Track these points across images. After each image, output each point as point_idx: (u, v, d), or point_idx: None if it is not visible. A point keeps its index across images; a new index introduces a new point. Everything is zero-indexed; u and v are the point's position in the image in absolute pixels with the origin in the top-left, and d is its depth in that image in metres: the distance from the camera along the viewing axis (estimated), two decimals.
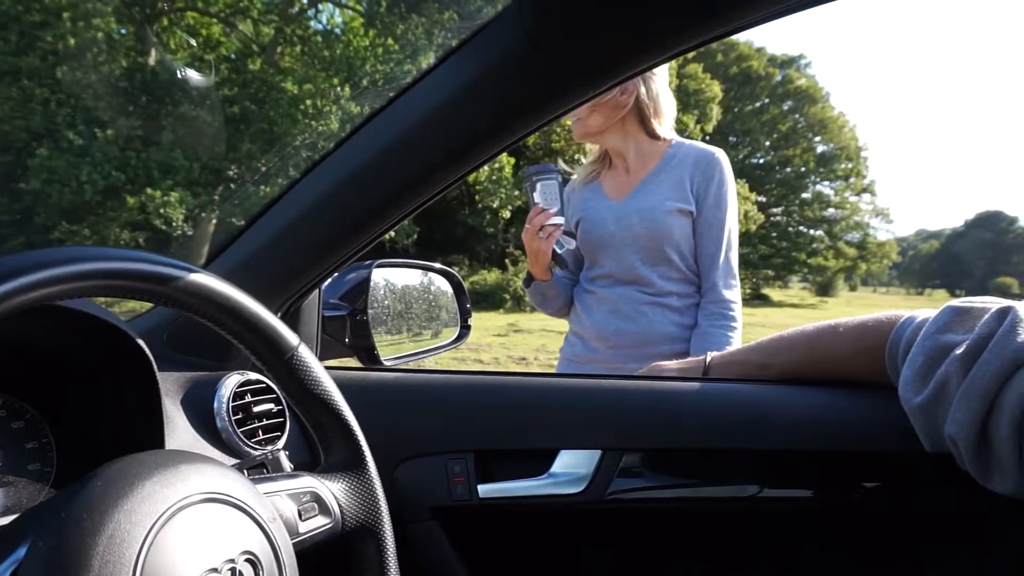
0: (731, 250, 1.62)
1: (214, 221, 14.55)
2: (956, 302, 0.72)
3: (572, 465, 0.86)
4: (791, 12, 0.60)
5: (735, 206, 1.64)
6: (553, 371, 2.20)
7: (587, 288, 1.71)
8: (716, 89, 30.59)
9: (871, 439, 0.81)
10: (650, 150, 1.64)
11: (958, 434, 0.63)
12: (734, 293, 1.60)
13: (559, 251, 1.59)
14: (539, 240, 1.57)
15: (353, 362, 1.07)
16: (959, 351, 0.64)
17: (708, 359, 0.95)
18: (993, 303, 0.69)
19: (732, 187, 1.62)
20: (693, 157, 1.61)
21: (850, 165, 42.31)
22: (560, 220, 1.57)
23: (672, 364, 0.99)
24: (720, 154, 1.62)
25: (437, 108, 0.75)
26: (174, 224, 13.98)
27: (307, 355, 0.61)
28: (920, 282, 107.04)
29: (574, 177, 1.79)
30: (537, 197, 1.58)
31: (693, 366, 0.95)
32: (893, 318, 0.77)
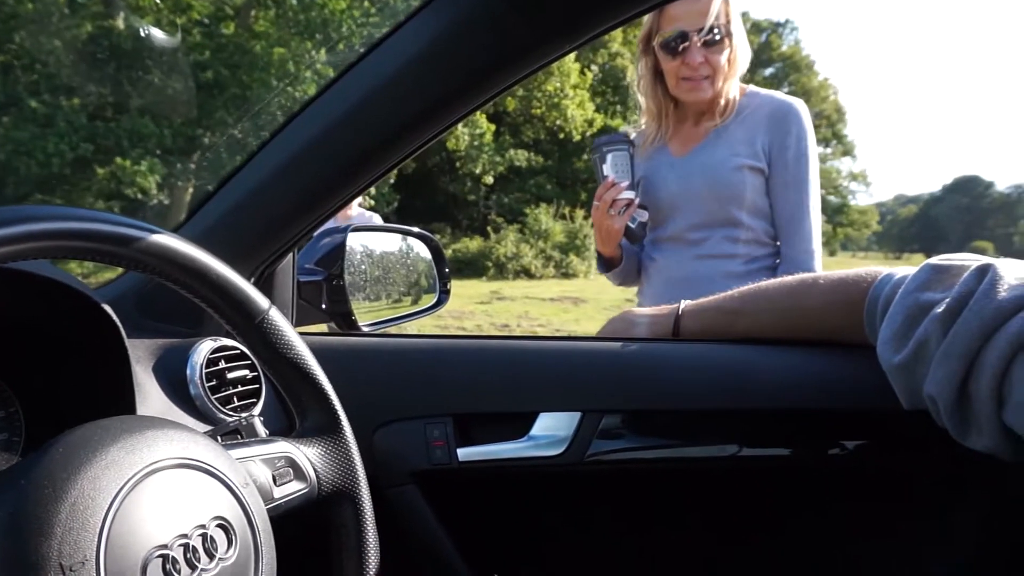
0: (812, 212, 1.49)
1: (190, 189, 14.30)
2: (935, 260, 0.71)
3: (552, 428, 0.86)
4: None
5: (816, 164, 1.51)
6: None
7: (650, 255, 1.61)
8: None
9: (848, 397, 0.82)
10: (730, 100, 1.51)
11: (938, 393, 0.63)
12: (815, 261, 1.48)
13: (632, 226, 1.49)
14: (611, 217, 1.46)
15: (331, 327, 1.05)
16: (939, 310, 0.64)
17: (680, 307, 0.94)
18: (972, 260, 0.69)
19: (812, 142, 1.49)
20: (768, 109, 1.49)
21: (831, 131, 42.52)
22: (632, 194, 1.46)
23: (644, 311, 0.98)
24: (799, 105, 1.49)
25: (410, 64, 0.73)
26: (150, 193, 13.69)
27: (279, 318, 0.60)
28: (899, 246, 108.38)
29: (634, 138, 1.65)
30: (607, 170, 1.46)
31: (665, 313, 0.95)
32: (872, 274, 0.77)
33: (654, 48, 1.51)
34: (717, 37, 1.44)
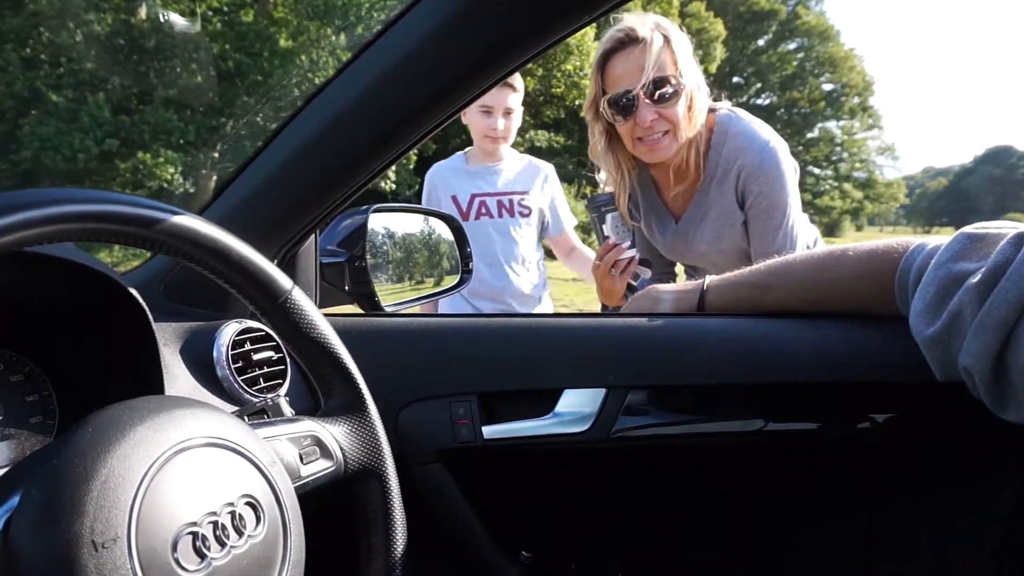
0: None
1: (214, 178, 14.45)
2: (970, 228, 0.69)
3: (577, 404, 0.85)
4: None
5: (796, 200, 1.42)
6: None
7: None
8: (720, 28, 29.82)
9: (878, 369, 0.80)
10: (703, 155, 1.44)
11: (973, 365, 0.61)
12: None
13: (635, 283, 1.48)
14: (612, 278, 1.43)
15: (354, 309, 1.06)
16: (974, 280, 0.62)
17: (705, 282, 0.93)
18: (1008, 228, 0.66)
19: (790, 183, 1.40)
20: (739, 160, 1.40)
21: (857, 100, 41.63)
22: (633, 253, 1.43)
23: (669, 287, 0.97)
24: (774, 145, 1.39)
25: (424, 43, 0.72)
26: (173, 183, 13.85)
27: (302, 298, 0.60)
28: (928, 220, 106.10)
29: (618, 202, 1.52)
30: (607, 230, 1.43)
31: (690, 289, 0.94)
32: (904, 245, 0.75)
33: (603, 113, 1.42)
34: (669, 92, 1.35)
